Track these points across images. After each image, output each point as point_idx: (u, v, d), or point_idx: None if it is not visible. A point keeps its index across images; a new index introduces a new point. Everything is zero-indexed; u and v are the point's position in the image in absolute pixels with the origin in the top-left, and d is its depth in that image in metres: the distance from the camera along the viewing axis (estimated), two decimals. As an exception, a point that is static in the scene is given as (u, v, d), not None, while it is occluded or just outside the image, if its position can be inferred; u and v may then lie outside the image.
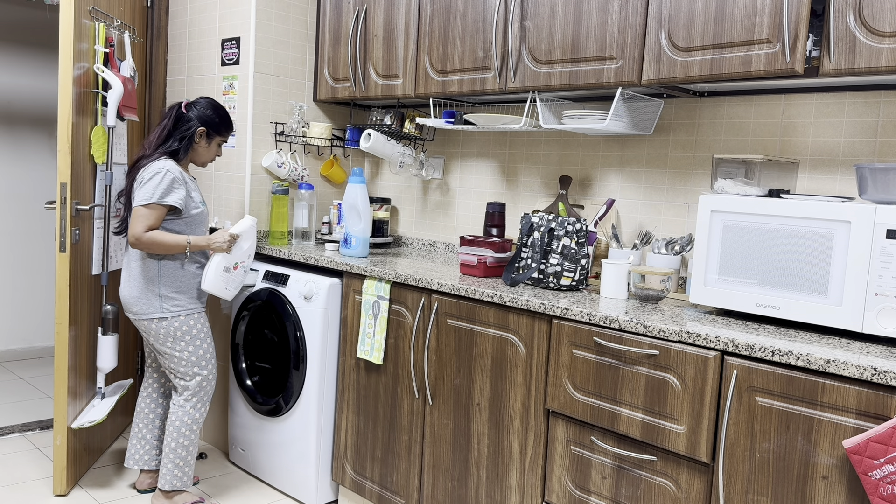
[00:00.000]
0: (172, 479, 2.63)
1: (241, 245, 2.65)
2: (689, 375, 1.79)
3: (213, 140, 2.65)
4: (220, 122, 2.64)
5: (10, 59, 4.53)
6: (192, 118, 2.58)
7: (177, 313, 2.58)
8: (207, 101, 2.63)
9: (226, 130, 2.67)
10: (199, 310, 2.66)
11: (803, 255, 1.78)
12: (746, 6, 1.96)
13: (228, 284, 2.64)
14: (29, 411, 3.74)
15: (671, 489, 1.85)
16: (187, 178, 2.58)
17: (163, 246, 2.49)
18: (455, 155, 3.23)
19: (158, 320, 2.56)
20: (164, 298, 2.56)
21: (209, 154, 2.67)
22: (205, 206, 2.67)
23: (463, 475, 2.36)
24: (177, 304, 2.58)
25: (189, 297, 2.62)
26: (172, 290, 2.58)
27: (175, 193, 2.49)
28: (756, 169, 2.04)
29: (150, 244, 2.47)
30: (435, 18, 2.74)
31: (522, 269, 2.37)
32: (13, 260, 4.66)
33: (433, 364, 2.43)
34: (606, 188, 2.71)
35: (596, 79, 2.29)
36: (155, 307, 2.56)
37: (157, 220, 2.48)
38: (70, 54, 2.68)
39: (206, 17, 3.36)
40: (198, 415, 2.66)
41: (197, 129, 2.58)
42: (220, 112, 2.64)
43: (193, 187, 2.61)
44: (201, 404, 2.66)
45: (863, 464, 1.49)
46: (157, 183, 2.46)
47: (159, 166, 2.49)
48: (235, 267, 2.65)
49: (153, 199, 2.45)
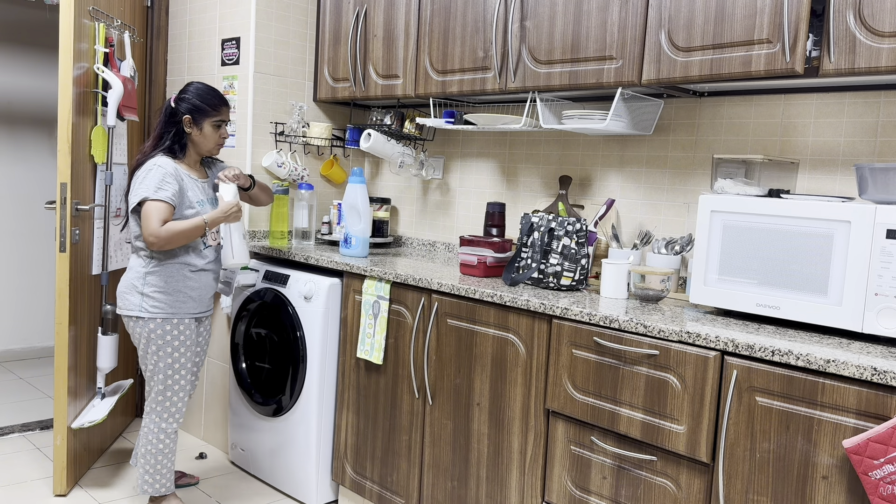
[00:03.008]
0: (143, 484, 2.55)
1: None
2: (689, 375, 1.79)
3: (203, 123, 2.48)
4: (201, 102, 2.46)
5: (10, 59, 4.53)
6: (180, 109, 2.46)
7: (154, 315, 2.45)
8: (190, 87, 2.49)
9: (212, 109, 2.47)
10: (181, 316, 2.50)
11: (803, 255, 1.78)
12: (746, 6, 1.96)
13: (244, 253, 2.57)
14: (29, 411, 3.74)
15: (671, 489, 1.85)
16: (184, 176, 2.46)
17: (182, 234, 2.36)
18: (455, 155, 3.23)
19: (136, 319, 2.46)
20: (144, 297, 2.44)
21: (208, 140, 2.51)
22: (202, 207, 2.50)
23: (463, 475, 2.36)
24: (156, 305, 2.45)
25: (173, 300, 2.47)
26: (155, 289, 2.44)
27: (165, 189, 2.36)
28: (756, 169, 2.04)
29: (170, 236, 2.33)
30: (435, 18, 2.74)
31: (522, 269, 2.37)
32: (13, 260, 4.66)
33: (433, 364, 2.43)
34: (606, 188, 2.71)
35: (596, 79, 2.29)
36: (134, 304, 2.45)
37: (166, 213, 2.35)
38: (70, 54, 2.68)
39: (206, 17, 3.36)
40: (164, 424, 2.52)
41: (184, 119, 2.45)
42: (200, 93, 2.47)
43: (191, 186, 2.47)
44: (168, 415, 2.52)
45: (863, 464, 1.49)
46: (149, 179, 2.36)
47: (151, 163, 2.40)
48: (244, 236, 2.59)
49: (146, 194, 2.34)
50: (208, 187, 2.58)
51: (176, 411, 2.54)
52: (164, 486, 2.56)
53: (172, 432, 2.55)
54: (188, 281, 2.50)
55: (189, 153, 2.52)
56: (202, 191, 2.53)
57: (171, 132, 2.47)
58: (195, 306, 2.54)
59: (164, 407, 2.52)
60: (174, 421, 2.55)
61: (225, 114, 2.52)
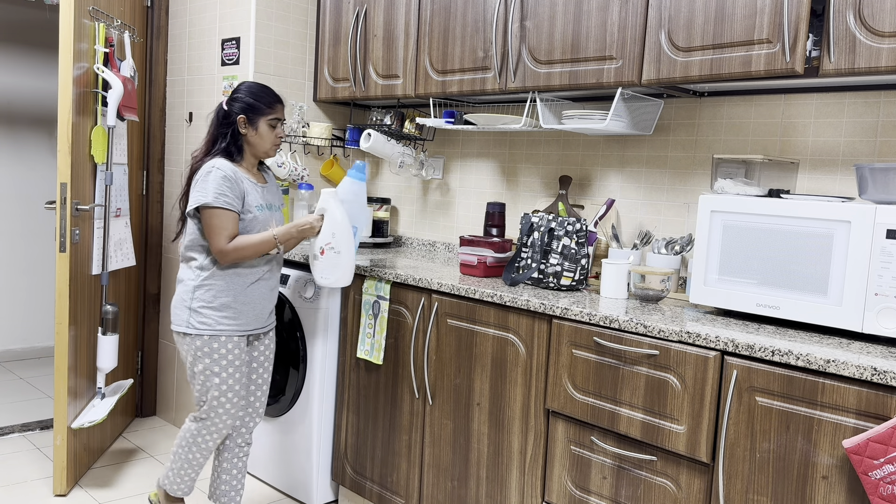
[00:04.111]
0: (164, 478, 2.49)
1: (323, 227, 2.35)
2: (689, 375, 1.79)
3: (258, 123, 2.30)
4: (255, 100, 2.30)
5: (10, 59, 4.53)
6: (233, 110, 2.30)
7: (200, 331, 2.27)
8: (242, 86, 2.34)
9: (266, 107, 2.31)
10: (230, 334, 2.30)
11: (803, 255, 1.78)
12: (746, 6, 1.96)
13: (323, 272, 2.36)
14: (29, 411, 3.74)
15: (671, 489, 1.85)
16: (243, 178, 2.29)
17: (251, 248, 2.23)
18: (455, 155, 3.23)
19: (182, 335, 2.31)
20: (192, 312, 2.28)
21: (265, 141, 2.33)
22: (262, 213, 2.33)
23: (463, 475, 2.36)
24: (203, 321, 2.27)
25: (221, 317, 2.29)
26: (203, 304, 2.27)
27: (226, 194, 2.22)
28: (756, 169, 2.04)
29: (238, 252, 2.22)
30: (435, 18, 2.74)
31: (522, 269, 2.37)
32: (13, 260, 4.66)
33: (433, 364, 2.43)
34: (606, 188, 2.71)
35: (596, 79, 2.29)
36: (182, 320, 2.29)
37: (231, 223, 2.22)
38: (70, 54, 2.68)
39: (206, 17, 3.36)
40: (200, 439, 2.39)
41: (238, 120, 2.29)
42: (253, 91, 2.32)
43: (251, 189, 2.30)
44: (206, 433, 2.38)
45: (863, 464, 1.49)
46: (208, 183, 2.21)
47: (209, 165, 2.24)
48: (322, 252, 2.36)
49: (205, 200, 2.20)
50: (267, 192, 2.40)
51: (216, 431, 2.38)
52: (182, 490, 2.50)
53: (206, 449, 2.41)
54: (240, 296, 2.32)
55: (246, 156, 2.35)
56: (262, 195, 2.35)
57: (225, 134, 2.31)
58: (247, 322, 2.35)
59: (205, 424, 2.37)
60: (212, 441, 2.40)
61: (280, 112, 2.35)
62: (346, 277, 2.39)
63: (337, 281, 2.38)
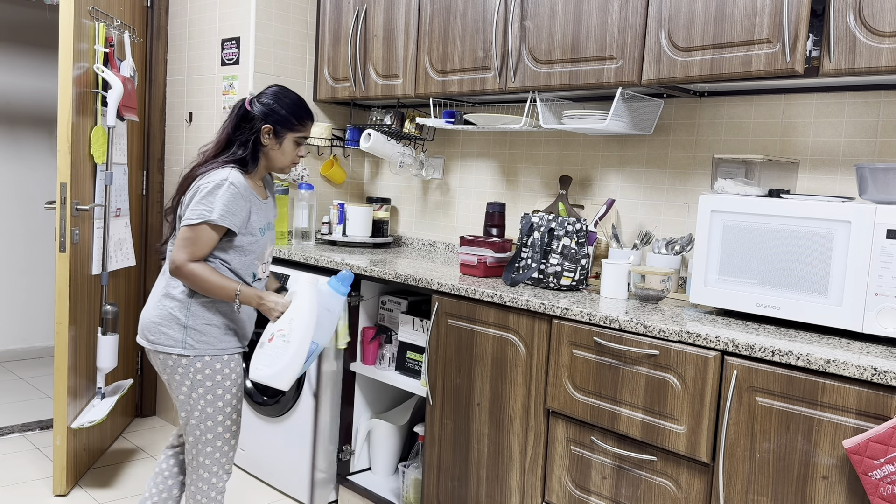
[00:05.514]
0: None
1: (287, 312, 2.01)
2: (690, 375, 1.79)
3: (285, 137, 2.05)
4: (287, 112, 2.03)
5: (10, 59, 4.53)
6: (256, 115, 2.02)
7: (201, 352, 2.01)
8: (273, 91, 2.06)
9: (299, 123, 2.06)
10: (231, 351, 2.07)
11: (803, 255, 1.78)
12: (746, 6, 1.96)
13: (262, 361, 1.98)
14: (29, 411, 3.74)
15: (671, 489, 1.85)
16: (253, 197, 2.03)
17: (208, 284, 1.94)
18: (455, 155, 3.23)
19: (177, 357, 2.01)
20: (189, 331, 2.01)
21: (286, 157, 2.07)
22: (264, 236, 2.09)
23: (463, 475, 2.36)
24: (205, 340, 2.01)
25: (222, 334, 2.05)
26: (204, 321, 2.02)
27: (235, 215, 1.97)
28: (756, 169, 2.04)
29: (192, 278, 1.94)
30: (435, 18, 2.74)
31: (522, 269, 2.37)
32: (13, 260, 4.66)
33: (433, 364, 2.43)
34: (606, 188, 2.71)
35: (596, 79, 2.29)
36: (176, 340, 2.00)
37: (206, 245, 1.95)
38: (70, 54, 2.68)
39: (206, 17, 3.36)
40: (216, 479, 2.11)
41: (262, 128, 2.02)
42: (285, 101, 2.04)
43: (256, 209, 2.05)
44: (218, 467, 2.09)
45: (863, 464, 1.49)
46: (218, 198, 1.94)
47: (222, 176, 1.96)
48: (271, 339, 1.99)
49: (210, 216, 1.93)
50: (268, 209, 2.14)
51: (227, 461, 2.12)
52: None
53: (224, 487, 2.14)
54: (235, 313, 2.09)
55: (259, 169, 2.08)
56: (264, 214, 2.10)
57: (245, 141, 2.03)
58: (244, 336, 2.15)
59: (215, 459, 2.08)
60: (225, 473, 2.12)
61: (310, 129, 2.11)
62: (284, 377, 1.96)
63: (273, 377, 1.95)
